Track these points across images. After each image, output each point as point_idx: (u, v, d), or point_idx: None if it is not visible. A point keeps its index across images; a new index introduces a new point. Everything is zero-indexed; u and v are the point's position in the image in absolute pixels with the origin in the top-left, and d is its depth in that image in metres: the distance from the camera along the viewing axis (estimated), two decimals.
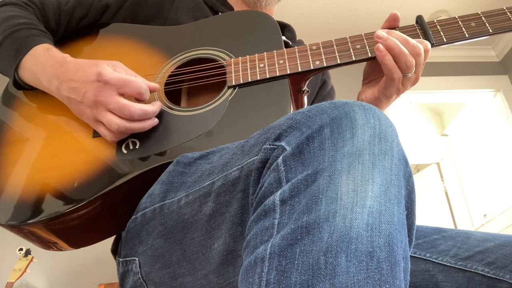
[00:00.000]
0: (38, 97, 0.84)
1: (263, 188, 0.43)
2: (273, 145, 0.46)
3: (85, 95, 0.71)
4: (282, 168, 0.43)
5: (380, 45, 0.71)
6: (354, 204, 0.37)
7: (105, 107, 0.70)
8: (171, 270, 0.61)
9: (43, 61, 0.77)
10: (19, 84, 0.82)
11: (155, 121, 0.74)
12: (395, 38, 0.71)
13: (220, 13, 0.94)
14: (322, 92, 1.03)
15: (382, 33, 0.72)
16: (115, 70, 0.72)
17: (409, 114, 3.81)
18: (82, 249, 0.78)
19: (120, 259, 0.69)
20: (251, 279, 0.37)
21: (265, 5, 0.99)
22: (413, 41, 0.72)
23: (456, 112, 3.66)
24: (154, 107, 0.73)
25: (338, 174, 0.39)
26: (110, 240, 0.79)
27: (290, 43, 0.96)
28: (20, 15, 0.84)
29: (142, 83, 0.72)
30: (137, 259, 0.65)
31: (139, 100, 0.73)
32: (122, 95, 0.70)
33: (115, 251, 0.75)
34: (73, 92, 0.72)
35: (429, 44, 0.73)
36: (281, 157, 0.43)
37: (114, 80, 0.70)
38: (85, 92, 0.71)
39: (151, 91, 0.75)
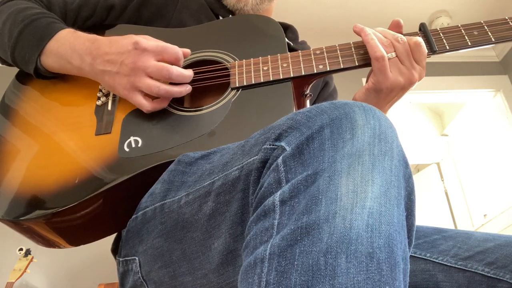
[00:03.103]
0: (42, 95, 0.84)
1: (262, 188, 0.43)
2: (273, 145, 0.46)
3: (123, 64, 0.72)
4: (282, 169, 0.43)
5: (364, 28, 0.75)
6: (354, 205, 0.37)
7: (143, 71, 0.72)
8: (171, 269, 0.61)
9: (73, 41, 0.78)
10: (40, 73, 0.83)
11: (189, 88, 0.76)
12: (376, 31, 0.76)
13: (221, 17, 0.95)
14: (324, 93, 1.03)
15: (359, 24, 0.77)
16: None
17: (409, 114, 3.81)
18: (82, 248, 0.78)
19: (120, 259, 0.69)
20: (251, 279, 0.37)
21: (243, 11, 0.97)
22: (392, 32, 0.76)
23: (456, 112, 3.66)
24: (189, 72, 0.75)
25: (338, 175, 0.39)
26: (110, 239, 0.79)
27: (292, 44, 0.96)
28: (34, 7, 0.85)
29: (178, 49, 0.75)
30: (137, 258, 0.66)
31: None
32: (159, 61, 0.73)
33: (115, 250, 0.75)
34: (108, 64, 0.74)
35: (419, 39, 0.74)
36: (281, 157, 0.44)
37: (152, 47, 0.72)
38: (122, 61, 0.72)
39: (184, 55, 0.77)
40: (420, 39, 0.74)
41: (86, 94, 0.81)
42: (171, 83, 0.75)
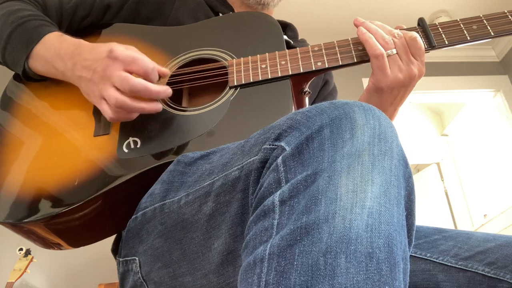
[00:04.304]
0: (40, 96, 0.84)
1: (262, 189, 0.43)
2: (272, 145, 0.46)
3: (95, 72, 0.72)
4: (282, 169, 0.43)
5: (361, 27, 0.74)
6: (354, 204, 0.37)
7: (109, 81, 0.70)
8: (171, 269, 0.61)
9: (58, 46, 0.78)
10: (28, 75, 0.82)
11: (159, 106, 0.73)
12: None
13: (220, 14, 0.94)
14: (323, 92, 1.03)
15: (360, 18, 0.76)
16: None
17: (409, 114, 3.81)
18: (82, 249, 0.78)
19: (120, 259, 0.69)
20: (250, 279, 0.37)
21: (267, 7, 0.98)
22: (389, 27, 0.75)
23: (456, 112, 3.66)
24: (160, 88, 0.71)
25: (337, 175, 0.39)
26: (110, 240, 0.79)
27: (292, 42, 0.96)
28: (26, 8, 0.85)
29: (149, 63, 0.72)
30: (137, 258, 0.65)
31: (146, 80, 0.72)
32: (129, 72, 0.71)
33: (115, 250, 0.75)
34: (84, 70, 0.73)
35: (414, 33, 0.73)
36: (280, 157, 0.43)
37: (123, 56, 0.71)
38: (95, 68, 0.72)
39: (161, 75, 0.75)
40: (415, 34, 0.73)
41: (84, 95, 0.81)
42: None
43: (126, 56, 0.71)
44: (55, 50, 0.77)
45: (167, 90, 0.72)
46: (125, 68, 0.70)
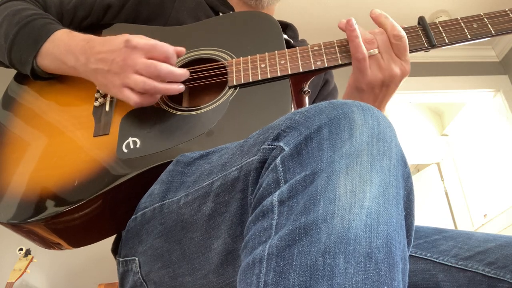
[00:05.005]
0: (40, 96, 0.84)
1: (261, 189, 0.43)
2: (271, 145, 0.46)
3: (113, 62, 0.72)
4: (280, 169, 0.43)
5: (351, 22, 0.73)
6: (352, 205, 0.37)
7: (132, 69, 0.71)
8: (171, 270, 0.61)
9: (68, 42, 0.78)
10: (36, 74, 0.82)
11: (181, 87, 0.74)
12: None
13: (220, 13, 0.94)
14: (324, 91, 1.03)
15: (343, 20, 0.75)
16: None
17: (409, 114, 3.81)
18: (82, 249, 0.78)
19: (120, 259, 0.69)
20: (249, 280, 0.37)
21: (266, 5, 0.98)
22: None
23: (456, 112, 3.66)
24: (181, 70, 0.74)
25: (336, 175, 0.39)
26: (110, 240, 0.79)
27: (292, 41, 0.96)
28: (30, 8, 0.85)
29: (169, 47, 0.74)
30: (137, 258, 0.65)
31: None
32: (150, 59, 0.72)
33: (115, 250, 0.75)
34: (100, 62, 0.74)
35: (401, 32, 0.72)
36: (279, 157, 0.43)
37: (142, 44, 0.72)
38: (113, 59, 0.72)
39: (178, 54, 0.76)
40: (402, 32, 0.72)
41: (84, 95, 0.81)
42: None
43: (144, 43, 0.72)
44: (65, 46, 0.78)
45: (187, 72, 0.75)
46: (146, 55, 0.72)
